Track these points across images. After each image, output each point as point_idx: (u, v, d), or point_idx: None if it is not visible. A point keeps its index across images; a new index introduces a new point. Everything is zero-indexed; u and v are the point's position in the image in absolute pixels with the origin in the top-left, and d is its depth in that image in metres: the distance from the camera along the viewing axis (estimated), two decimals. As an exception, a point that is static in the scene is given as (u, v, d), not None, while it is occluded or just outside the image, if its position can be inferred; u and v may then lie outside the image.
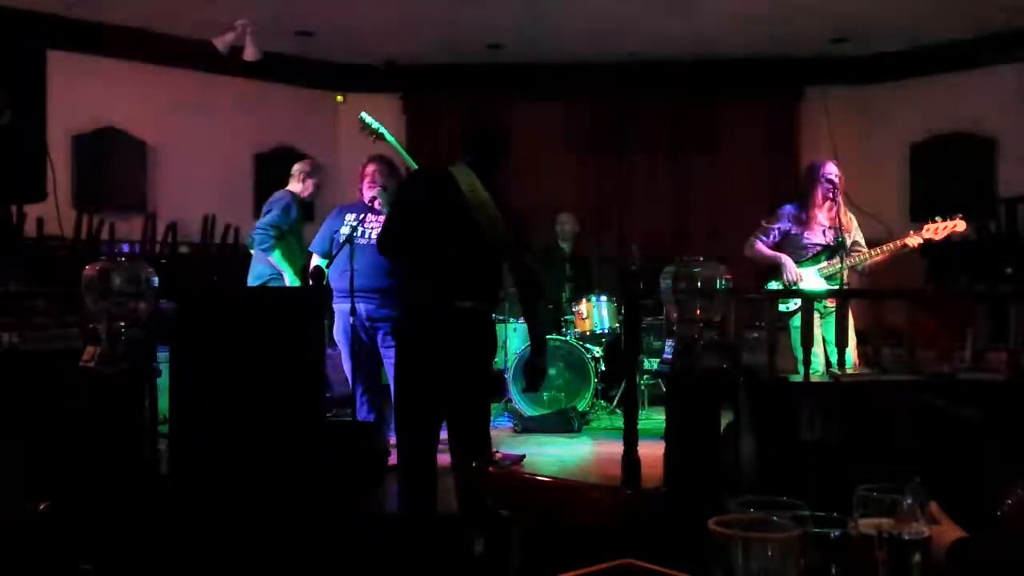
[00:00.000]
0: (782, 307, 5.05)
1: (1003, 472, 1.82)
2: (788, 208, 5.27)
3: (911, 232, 5.02)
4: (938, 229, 4.96)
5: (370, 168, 5.26)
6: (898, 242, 5.01)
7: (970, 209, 5.15)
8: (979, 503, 1.61)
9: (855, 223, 5.19)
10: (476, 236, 3.58)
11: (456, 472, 3.53)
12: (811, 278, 5.09)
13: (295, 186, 5.93)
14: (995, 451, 3.56)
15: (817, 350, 4.71)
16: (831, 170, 5.11)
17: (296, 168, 5.96)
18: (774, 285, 5.16)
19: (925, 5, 6.59)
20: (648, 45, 7.57)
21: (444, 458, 4.23)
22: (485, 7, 6.64)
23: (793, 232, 5.16)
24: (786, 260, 5.11)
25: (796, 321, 4.86)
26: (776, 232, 5.21)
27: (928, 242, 5.01)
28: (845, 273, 5.02)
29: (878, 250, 5.06)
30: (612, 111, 8.43)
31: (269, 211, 5.72)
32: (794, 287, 5.03)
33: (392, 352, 5.08)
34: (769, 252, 5.18)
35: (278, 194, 5.84)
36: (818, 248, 5.11)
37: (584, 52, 7.73)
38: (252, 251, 5.85)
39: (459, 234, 3.59)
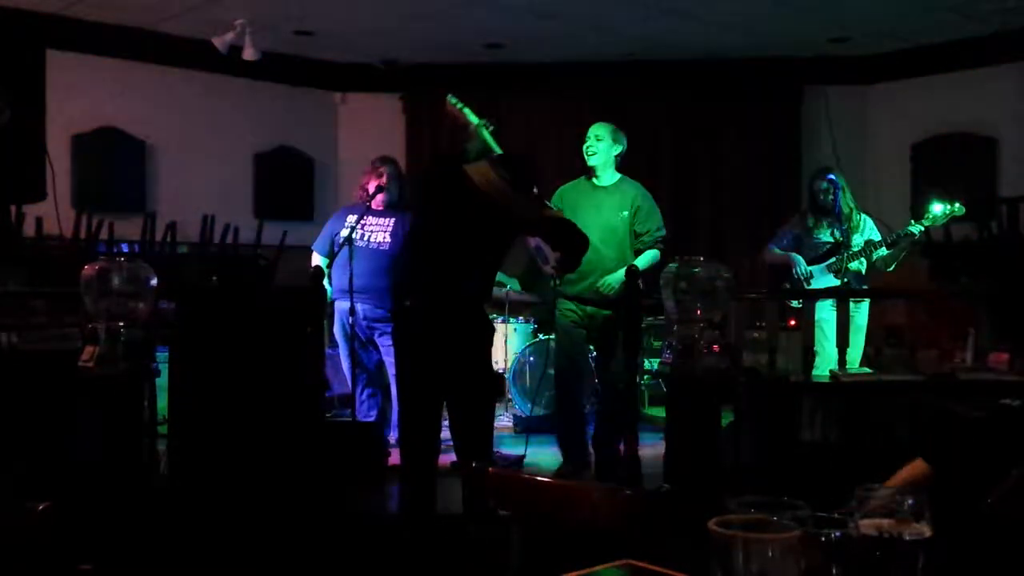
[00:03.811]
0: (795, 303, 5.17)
1: (1003, 473, 1.82)
2: (796, 217, 5.54)
3: (912, 221, 5.12)
4: (937, 217, 5.04)
5: (383, 169, 5.28)
6: (899, 232, 5.10)
7: (970, 209, 5.18)
8: (979, 503, 1.61)
9: (869, 223, 5.31)
10: (482, 225, 3.64)
11: (462, 473, 3.55)
12: (821, 276, 5.21)
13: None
14: (995, 451, 3.55)
15: (829, 347, 4.79)
16: (829, 173, 5.31)
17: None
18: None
19: (925, 5, 6.59)
20: (648, 45, 7.57)
21: (445, 458, 4.24)
22: (485, 7, 6.64)
23: (803, 235, 5.36)
24: (794, 259, 5.28)
25: (821, 313, 4.92)
26: (788, 237, 5.42)
27: (930, 230, 5.10)
28: (862, 264, 5.20)
29: (884, 242, 5.16)
30: (612, 111, 8.40)
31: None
32: (802, 285, 5.19)
33: (392, 350, 5.13)
34: (780, 253, 5.39)
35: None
36: (827, 247, 5.25)
37: (584, 52, 7.72)
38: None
39: (463, 224, 3.65)
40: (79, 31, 6.76)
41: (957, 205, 5.03)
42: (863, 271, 5.26)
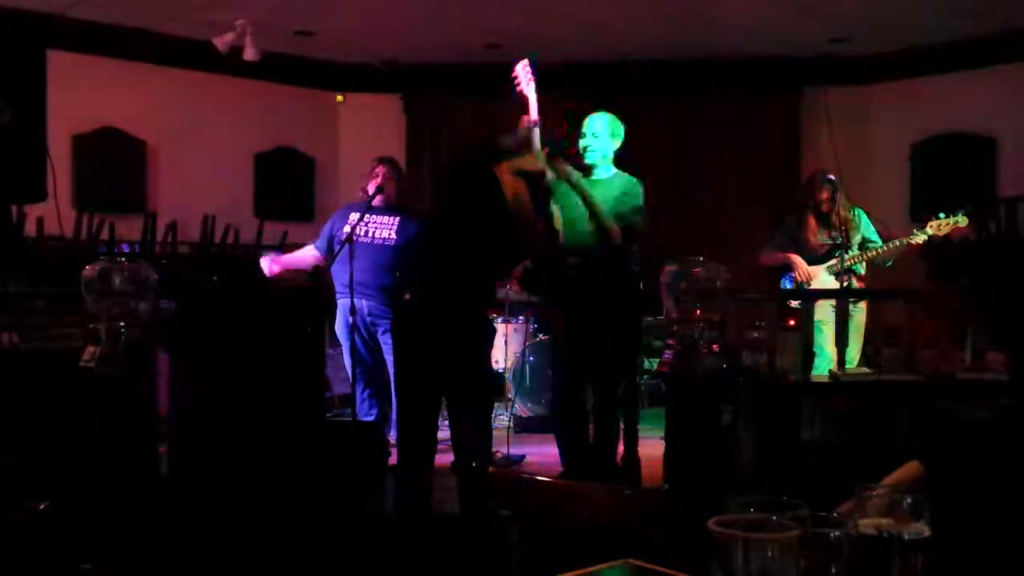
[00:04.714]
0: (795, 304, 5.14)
1: (1003, 473, 1.82)
2: (791, 216, 5.50)
3: (914, 229, 5.10)
4: (941, 226, 5.02)
5: (380, 169, 5.29)
6: (903, 240, 5.08)
7: (970, 209, 5.16)
8: (979, 503, 1.61)
9: (864, 220, 5.29)
10: (495, 233, 3.67)
11: (458, 473, 3.56)
12: (821, 277, 5.20)
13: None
14: (995, 452, 3.55)
15: (828, 347, 4.79)
16: (828, 174, 5.31)
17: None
18: (788, 284, 5.28)
19: (925, 5, 6.59)
20: (648, 45, 7.57)
21: (444, 458, 4.24)
22: (485, 7, 6.64)
23: (800, 236, 5.33)
24: (796, 259, 5.24)
25: (820, 313, 4.90)
26: (784, 237, 5.41)
27: (932, 239, 5.07)
28: (862, 266, 5.14)
29: (884, 247, 5.14)
30: (612, 111, 8.41)
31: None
32: (802, 286, 5.17)
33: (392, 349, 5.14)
34: (779, 255, 5.37)
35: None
36: (826, 247, 5.21)
37: (584, 52, 7.72)
38: None
39: (477, 226, 3.68)
40: (79, 31, 6.76)
41: (960, 215, 5.00)
42: (862, 271, 5.26)
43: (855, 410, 4.12)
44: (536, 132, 4.15)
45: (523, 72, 4.34)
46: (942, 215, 5.02)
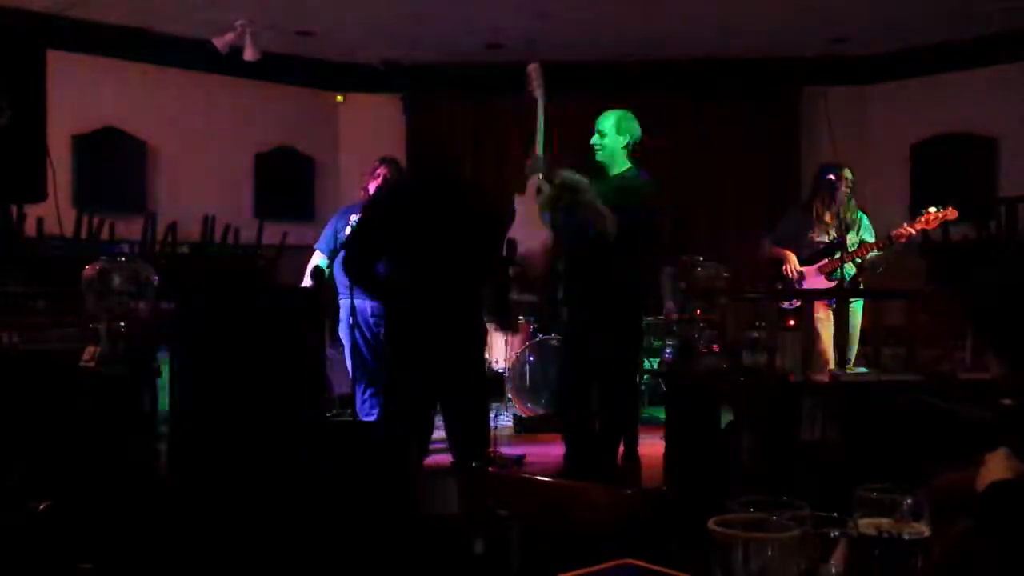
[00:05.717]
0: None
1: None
2: (795, 209, 5.54)
3: (905, 224, 5.11)
4: (930, 219, 5.03)
5: (382, 169, 5.29)
6: (893, 233, 5.07)
7: (970, 209, 5.17)
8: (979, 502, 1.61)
9: (864, 222, 5.29)
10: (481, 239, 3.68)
11: (457, 472, 3.57)
12: (813, 275, 5.19)
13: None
14: (994, 450, 3.54)
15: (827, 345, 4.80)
16: (834, 172, 5.24)
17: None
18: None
19: (925, 5, 6.59)
20: (648, 45, 7.57)
21: (444, 459, 4.24)
22: (485, 7, 6.64)
23: (800, 232, 5.32)
24: (788, 256, 5.23)
25: (816, 314, 4.91)
26: (784, 232, 5.40)
27: (923, 231, 5.08)
28: (852, 269, 5.14)
29: (878, 243, 5.14)
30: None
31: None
32: (791, 283, 5.17)
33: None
34: (775, 250, 5.36)
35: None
36: (822, 246, 5.22)
37: (584, 52, 7.73)
38: None
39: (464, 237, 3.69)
40: (79, 31, 6.77)
41: (950, 209, 5.02)
42: (853, 273, 5.24)
43: (855, 410, 4.12)
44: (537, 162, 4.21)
45: (535, 74, 4.35)
46: (932, 208, 5.05)
